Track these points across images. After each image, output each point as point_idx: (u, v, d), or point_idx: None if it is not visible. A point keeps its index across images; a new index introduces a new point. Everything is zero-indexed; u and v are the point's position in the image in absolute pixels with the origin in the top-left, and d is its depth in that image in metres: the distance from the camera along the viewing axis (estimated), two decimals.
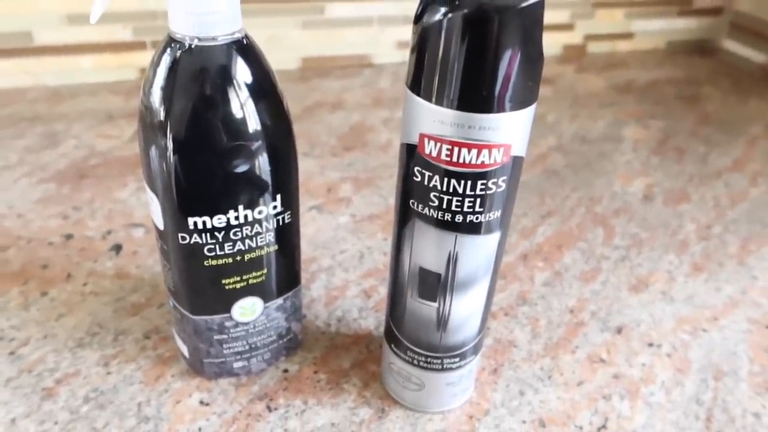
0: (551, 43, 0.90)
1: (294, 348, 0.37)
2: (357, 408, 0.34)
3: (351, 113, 0.68)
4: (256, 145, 0.28)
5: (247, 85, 0.27)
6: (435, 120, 0.25)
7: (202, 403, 0.34)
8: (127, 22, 0.70)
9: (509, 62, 0.23)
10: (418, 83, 0.25)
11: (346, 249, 0.46)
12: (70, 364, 0.36)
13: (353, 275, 0.44)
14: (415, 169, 0.27)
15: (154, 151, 0.27)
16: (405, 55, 0.84)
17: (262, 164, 0.29)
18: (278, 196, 0.30)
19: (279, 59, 0.78)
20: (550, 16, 0.87)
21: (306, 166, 0.57)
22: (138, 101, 0.28)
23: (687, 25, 0.96)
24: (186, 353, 0.34)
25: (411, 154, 0.27)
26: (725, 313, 0.43)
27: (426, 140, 0.26)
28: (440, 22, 0.23)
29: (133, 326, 0.38)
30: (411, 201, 0.28)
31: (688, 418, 0.35)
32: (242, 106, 0.27)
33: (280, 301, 0.34)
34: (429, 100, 0.25)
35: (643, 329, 0.41)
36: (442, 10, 0.23)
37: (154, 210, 0.30)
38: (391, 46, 0.82)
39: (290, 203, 0.31)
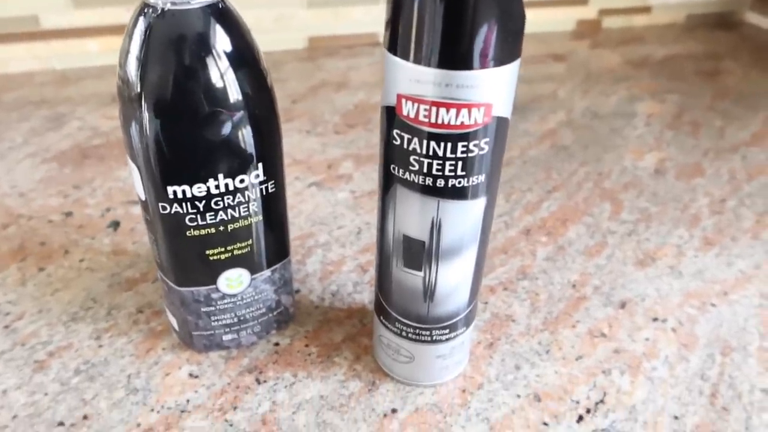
0: (564, 19, 0.88)
1: (285, 322, 0.36)
2: (347, 381, 0.33)
3: (356, 92, 0.67)
4: (233, 111, 0.27)
5: (225, 51, 0.26)
6: (412, 79, 0.24)
7: (191, 375, 0.34)
8: (131, 4, 0.69)
9: (487, 15, 0.22)
10: (394, 42, 0.24)
11: (344, 225, 0.46)
12: (63, 337, 0.36)
13: (350, 250, 0.43)
14: (395, 132, 0.26)
15: (131, 120, 0.27)
16: None
17: (242, 131, 0.28)
18: (260, 165, 0.29)
19: (286, 39, 0.77)
20: None
21: (308, 144, 0.56)
22: (117, 65, 0.27)
23: None
24: (176, 326, 0.34)
25: (390, 117, 0.26)
26: (736, 287, 0.41)
27: (404, 101, 0.25)
28: None
29: (126, 301, 0.38)
30: (392, 166, 0.27)
31: (691, 393, 0.33)
32: (219, 70, 0.26)
33: (267, 273, 0.33)
34: (406, 58, 0.24)
35: (648, 304, 0.39)
36: None
37: (135, 180, 0.29)
38: None
39: (274, 172, 0.30)
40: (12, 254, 0.42)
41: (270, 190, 0.31)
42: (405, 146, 0.26)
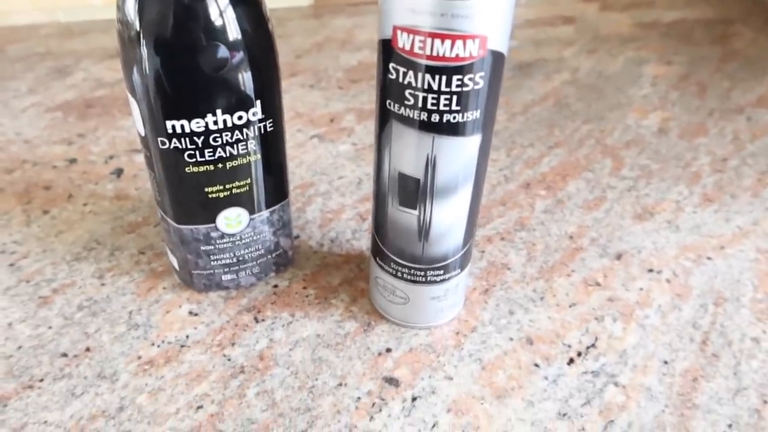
0: None
1: (284, 265, 0.37)
2: (343, 321, 0.34)
3: (361, 49, 0.67)
4: (231, 47, 0.27)
5: None
6: (408, 9, 0.24)
7: (191, 313, 0.34)
8: None
9: None
10: None
11: (344, 175, 0.46)
12: (67, 275, 0.37)
13: (349, 200, 0.43)
14: (391, 65, 0.26)
15: (131, 53, 0.27)
16: None
17: (240, 68, 0.28)
18: (258, 103, 0.30)
19: None
20: None
21: (311, 98, 0.56)
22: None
23: None
24: (176, 266, 0.35)
25: (386, 50, 0.26)
26: (733, 242, 0.41)
27: (399, 33, 0.25)
28: None
29: (129, 243, 0.39)
30: (388, 101, 0.27)
31: (682, 340, 0.34)
32: (217, 6, 0.26)
33: (266, 213, 0.34)
34: None
35: (644, 256, 0.40)
36: None
37: (135, 116, 0.30)
38: None
39: (272, 111, 0.31)
40: (17, 197, 0.43)
41: (268, 129, 0.31)
42: (401, 80, 0.26)
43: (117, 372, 0.31)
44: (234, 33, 0.27)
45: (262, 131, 0.31)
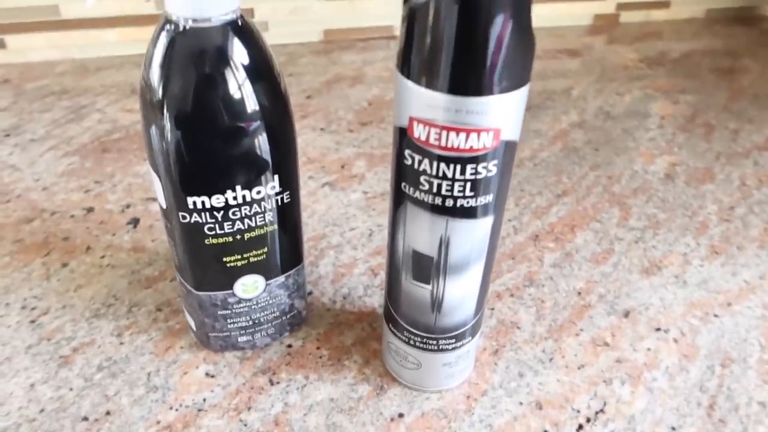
0: (582, 13, 0.87)
1: (298, 324, 0.38)
2: (356, 384, 0.35)
3: (371, 87, 0.68)
4: (253, 125, 0.28)
5: (243, 65, 0.27)
6: (424, 103, 0.25)
7: (207, 375, 0.35)
8: None
9: (497, 44, 0.23)
10: (407, 65, 0.25)
11: (356, 226, 0.47)
12: (87, 333, 0.37)
13: (361, 253, 0.44)
14: (406, 152, 0.27)
15: (153, 131, 0.28)
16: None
17: (260, 144, 0.29)
18: (276, 177, 0.30)
19: (301, 31, 0.77)
20: None
21: (322, 142, 0.57)
22: (140, 78, 0.28)
23: None
24: (193, 326, 0.36)
25: (402, 137, 0.27)
26: (740, 298, 0.42)
27: (415, 124, 0.25)
28: (427, 3, 0.23)
29: (146, 298, 0.40)
30: (403, 184, 0.28)
31: (689, 404, 0.34)
32: (239, 85, 0.27)
33: (282, 278, 0.34)
34: (418, 82, 0.24)
35: (652, 313, 0.40)
36: None
37: (157, 189, 0.30)
38: None
39: (290, 183, 0.31)
40: (37, 248, 0.44)
41: (285, 201, 0.32)
42: (416, 166, 0.26)
43: None
44: (256, 111, 0.28)
45: (279, 203, 0.31)
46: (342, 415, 0.33)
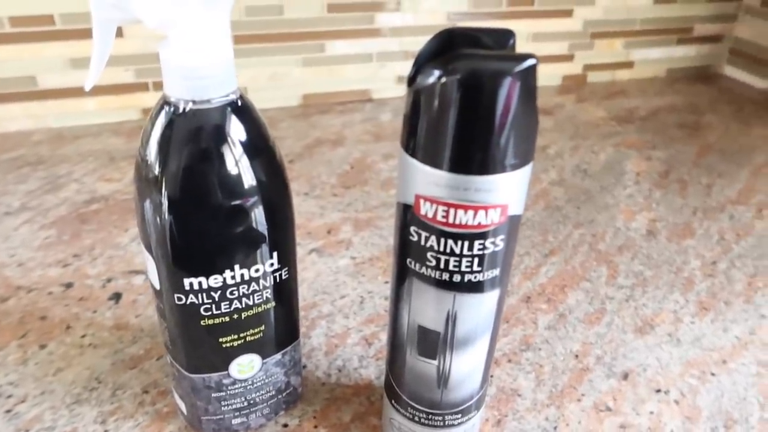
0: (551, 74, 0.90)
1: (294, 401, 0.36)
2: None
3: (351, 150, 0.68)
4: (252, 203, 0.28)
5: (242, 144, 0.27)
6: (430, 182, 0.25)
7: None
8: (129, 64, 0.70)
9: (503, 125, 0.23)
10: (412, 145, 0.25)
11: (346, 294, 0.46)
12: (67, 421, 0.35)
13: (353, 321, 0.43)
14: (412, 228, 0.26)
15: (149, 209, 0.27)
16: (405, 90, 0.84)
17: (259, 223, 0.28)
18: (275, 254, 0.30)
19: (281, 96, 0.78)
20: (549, 48, 0.88)
21: (306, 207, 0.57)
22: (137, 153, 0.28)
23: (687, 52, 0.96)
24: (184, 410, 0.34)
25: (407, 213, 0.26)
26: (734, 355, 0.42)
27: (422, 201, 0.25)
28: (434, 86, 0.23)
29: (131, 380, 0.38)
30: (408, 260, 0.27)
31: None
32: (238, 165, 0.27)
33: (278, 356, 0.33)
34: (424, 162, 0.24)
35: (650, 374, 0.40)
36: (436, 74, 0.23)
37: (150, 269, 0.29)
38: (391, 80, 0.83)
39: (287, 260, 0.31)
40: (12, 330, 0.42)
41: (283, 277, 0.31)
42: (422, 243, 0.26)
43: None
44: (255, 191, 0.28)
45: (277, 279, 0.31)
46: None
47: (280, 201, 0.30)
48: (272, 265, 0.30)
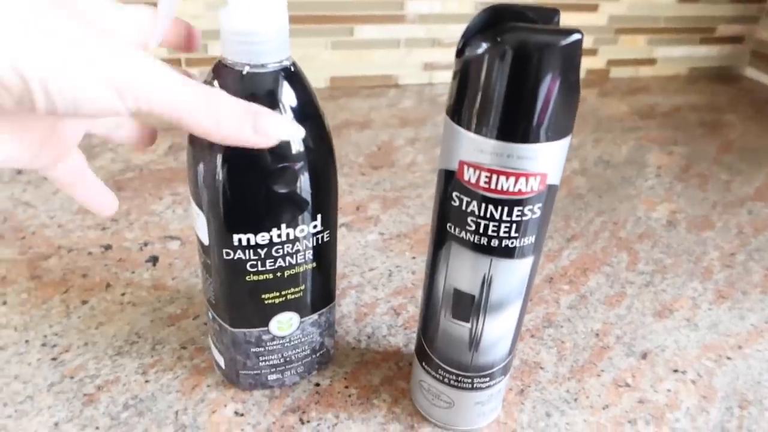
0: None
1: (326, 362, 0.38)
2: (387, 423, 0.35)
3: (378, 132, 0.70)
4: (299, 166, 0.29)
5: (293, 109, 0.28)
6: (475, 148, 0.26)
7: (236, 413, 0.35)
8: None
9: (547, 96, 0.24)
10: (459, 113, 0.26)
11: (375, 267, 0.47)
12: (110, 371, 0.37)
13: (382, 293, 0.45)
14: (454, 194, 0.28)
15: (202, 169, 0.29)
16: (430, 77, 0.85)
17: (305, 185, 0.30)
18: (318, 216, 0.31)
19: (309, 78, 0.79)
20: None
21: None
22: None
23: (709, 52, 0.97)
24: (222, 364, 0.36)
25: (449, 179, 0.28)
26: (750, 341, 0.43)
27: (465, 167, 0.27)
28: (482, 57, 0.24)
29: (169, 336, 0.40)
30: (448, 224, 0.29)
31: None
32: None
33: (315, 316, 0.35)
34: (469, 129, 0.26)
35: (668, 355, 0.41)
36: (485, 45, 0.24)
37: (199, 225, 0.31)
38: (417, 67, 0.84)
39: (329, 223, 0.32)
40: (55, 285, 0.43)
41: (324, 240, 0.32)
42: (463, 207, 0.28)
43: None
44: (302, 152, 0.29)
45: (319, 241, 0.32)
46: None
47: (326, 167, 0.31)
48: (315, 227, 0.31)
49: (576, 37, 0.24)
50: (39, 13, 0.19)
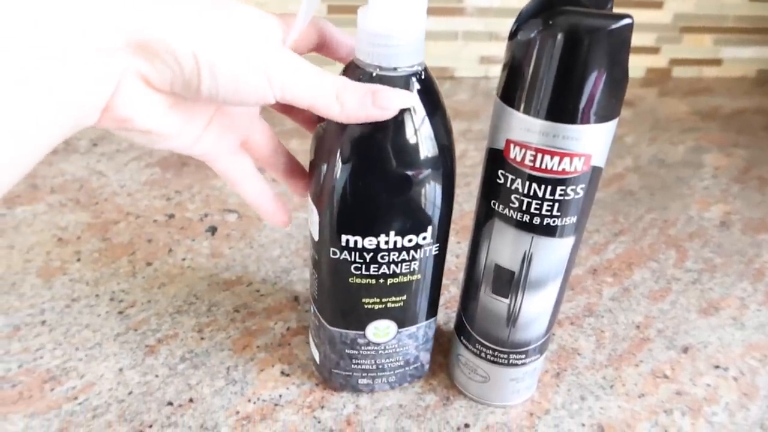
0: (634, 66, 0.90)
1: (419, 376, 0.37)
2: (424, 394, 0.36)
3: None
4: (421, 177, 0.28)
5: (421, 117, 0.27)
6: (522, 128, 0.27)
7: (283, 373, 0.37)
8: None
9: (596, 79, 0.25)
10: (508, 93, 0.27)
11: None
12: (170, 327, 0.40)
13: None
14: (500, 172, 0.29)
15: (324, 168, 0.29)
16: (486, 70, 0.86)
17: (421, 195, 0.29)
18: (429, 228, 0.30)
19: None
20: (634, 39, 0.87)
21: None
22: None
23: None
24: (317, 358, 0.36)
25: (496, 158, 0.29)
26: None
27: (512, 146, 0.28)
28: (534, 40, 0.25)
29: (224, 300, 0.42)
30: (492, 201, 0.30)
31: None
32: (414, 136, 0.28)
33: (413, 329, 0.34)
34: (518, 109, 0.27)
35: (710, 351, 0.41)
36: (537, 29, 0.25)
37: (312, 221, 0.31)
38: (474, 60, 0.85)
39: (440, 237, 0.31)
40: (123, 248, 0.47)
41: (432, 252, 0.31)
42: (508, 185, 0.29)
43: (218, 425, 0.33)
44: (426, 161, 0.28)
45: (427, 254, 0.31)
46: (410, 420, 0.34)
47: (446, 179, 0.29)
48: (425, 238, 0.30)
49: (626, 21, 0.25)
50: (207, 10, 0.23)
